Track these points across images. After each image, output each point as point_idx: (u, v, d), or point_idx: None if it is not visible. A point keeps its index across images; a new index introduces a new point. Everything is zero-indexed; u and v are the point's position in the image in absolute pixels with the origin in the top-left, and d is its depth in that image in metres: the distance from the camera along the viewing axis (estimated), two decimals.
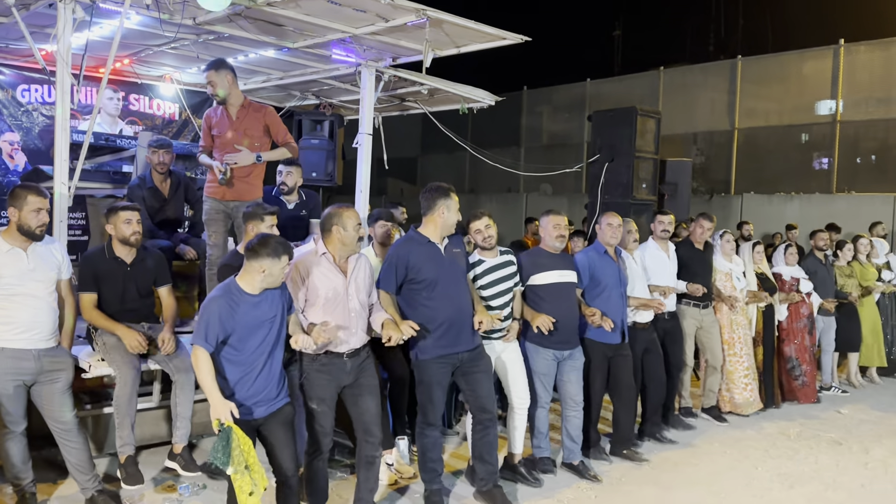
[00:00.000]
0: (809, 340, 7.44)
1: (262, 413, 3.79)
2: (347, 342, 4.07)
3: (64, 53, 4.66)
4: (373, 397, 4.18)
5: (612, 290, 5.45)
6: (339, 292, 4.04)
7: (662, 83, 16.49)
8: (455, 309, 4.41)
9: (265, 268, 3.66)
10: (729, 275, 6.81)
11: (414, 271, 4.34)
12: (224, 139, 5.24)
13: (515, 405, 4.97)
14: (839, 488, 5.16)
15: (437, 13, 4.76)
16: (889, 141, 14.42)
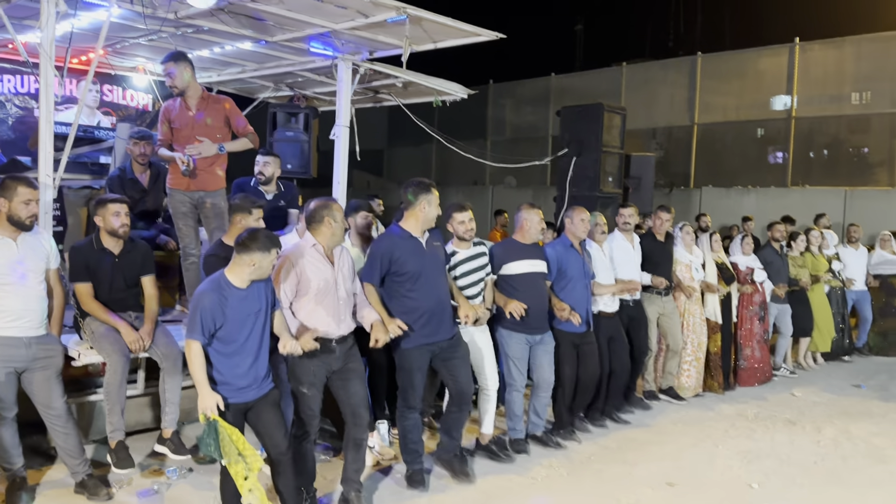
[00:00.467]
0: (760, 327, 7.80)
1: (252, 397, 3.93)
2: (337, 329, 4.21)
3: (47, 46, 4.72)
4: (360, 381, 4.34)
5: (577, 282, 5.72)
6: (329, 282, 4.18)
7: (625, 78, 16.83)
8: (436, 300, 4.62)
9: (255, 261, 3.78)
10: (689, 266, 7.12)
11: (397, 265, 4.52)
12: (185, 131, 5.25)
13: (485, 387, 5.20)
14: (794, 464, 5.47)
15: (416, 11, 4.93)
16: (839, 137, 14.98)
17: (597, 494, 4.79)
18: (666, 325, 6.93)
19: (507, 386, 5.45)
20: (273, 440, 3.99)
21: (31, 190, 4.22)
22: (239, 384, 3.88)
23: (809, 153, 15.07)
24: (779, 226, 8.48)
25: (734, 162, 15.61)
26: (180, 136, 5.27)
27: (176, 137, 5.31)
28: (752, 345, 7.75)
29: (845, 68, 14.29)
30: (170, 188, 5.36)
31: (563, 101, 17.53)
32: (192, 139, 5.20)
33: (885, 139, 14.10)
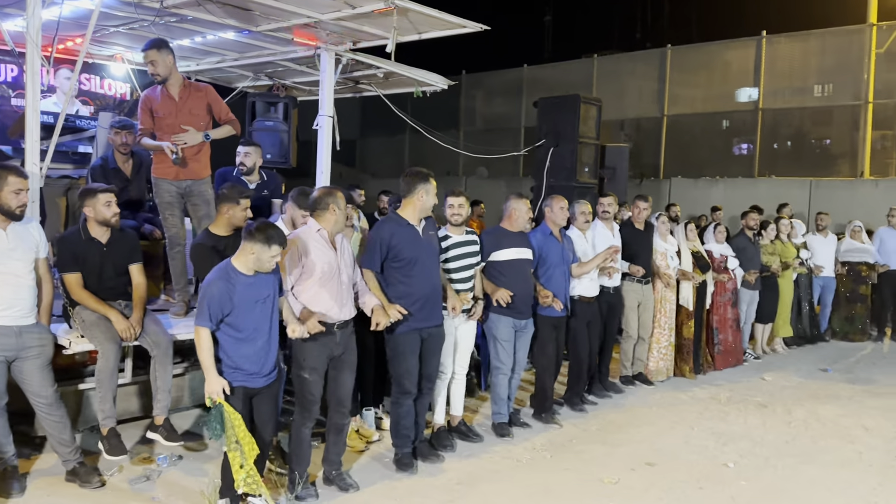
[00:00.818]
0: (732, 313, 8.07)
1: (259, 384, 4.08)
2: (339, 314, 4.35)
3: (34, 35, 4.70)
4: (351, 373, 4.52)
5: (556, 268, 5.92)
6: (333, 267, 4.33)
7: (596, 70, 17.00)
8: (430, 286, 4.81)
9: (255, 251, 3.88)
10: (664, 254, 7.33)
11: (395, 251, 4.68)
12: (168, 120, 5.23)
13: (458, 373, 5.43)
14: (766, 445, 5.67)
15: (404, 2, 4.99)
16: (804, 128, 15.33)
17: (580, 474, 4.94)
18: (640, 313, 7.15)
19: (494, 369, 5.68)
20: (263, 431, 4.15)
21: (22, 179, 4.23)
22: (249, 369, 4.01)
23: (775, 144, 15.38)
24: (752, 214, 8.70)
25: (702, 153, 15.87)
26: (164, 125, 5.24)
27: (159, 126, 5.27)
28: (727, 330, 8.02)
29: (810, 61, 14.61)
30: (156, 178, 5.33)
31: (535, 92, 17.63)
32: (177, 128, 5.17)
33: (847, 131, 14.45)
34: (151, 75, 5.27)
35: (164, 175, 5.29)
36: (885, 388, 7.45)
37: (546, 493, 4.60)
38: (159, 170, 5.30)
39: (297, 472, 4.34)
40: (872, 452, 5.54)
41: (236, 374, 3.99)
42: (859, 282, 9.69)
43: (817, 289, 9.52)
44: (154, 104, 5.27)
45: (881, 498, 4.70)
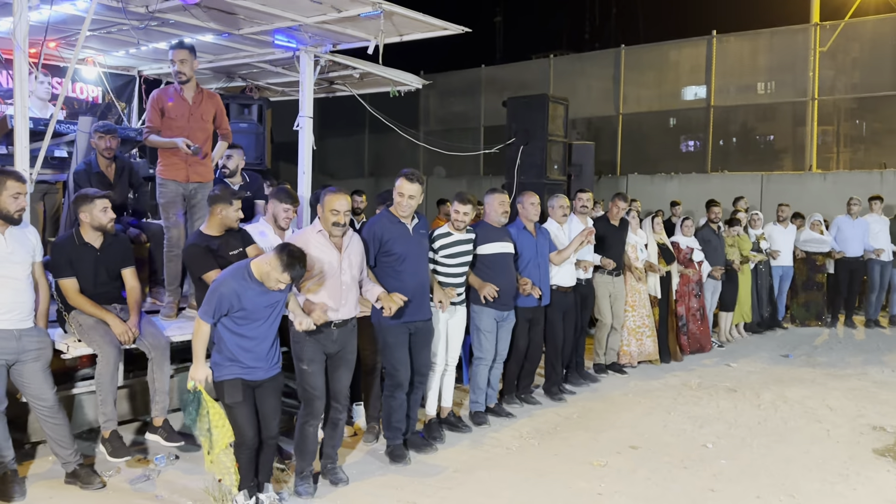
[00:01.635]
0: (697, 302, 8.42)
1: (261, 376, 4.15)
2: (337, 312, 4.45)
3: (21, 41, 4.70)
4: (348, 370, 4.63)
5: (531, 261, 6.14)
6: (333, 266, 4.43)
7: (552, 70, 17.31)
8: (419, 282, 4.96)
9: (271, 266, 3.94)
10: (634, 246, 7.64)
11: (386, 246, 4.85)
12: (180, 122, 5.29)
13: (448, 364, 5.58)
14: (740, 426, 5.95)
15: (390, 6, 5.12)
16: (754, 125, 15.88)
17: (570, 459, 5.13)
18: (611, 303, 7.43)
19: (476, 359, 5.90)
20: (267, 425, 4.21)
21: (20, 184, 4.25)
22: (248, 363, 4.09)
23: (728, 140, 15.89)
24: (715, 207, 8.99)
25: (657, 150, 16.30)
26: (174, 126, 5.29)
27: (167, 126, 5.31)
28: (692, 318, 8.39)
29: (758, 60, 15.13)
30: (164, 179, 5.35)
31: (492, 92, 17.96)
32: (187, 130, 5.23)
33: (795, 127, 15.02)
34: (176, 73, 5.28)
35: (174, 177, 5.34)
36: (843, 371, 7.83)
37: (540, 477, 4.78)
38: (168, 171, 5.34)
39: (302, 467, 4.45)
40: (839, 430, 5.86)
41: (234, 366, 4.06)
42: (815, 270, 10.09)
43: (776, 278, 9.89)
44: (165, 104, 5.30)
45: (851, 470, 5.00)
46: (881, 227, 10.18)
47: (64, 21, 5.95)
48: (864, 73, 14.20)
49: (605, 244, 7.16)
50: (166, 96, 5.33)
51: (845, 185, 12.64)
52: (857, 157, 14.65)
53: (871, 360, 8.36)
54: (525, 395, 6.44)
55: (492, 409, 6.04)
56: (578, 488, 4.63)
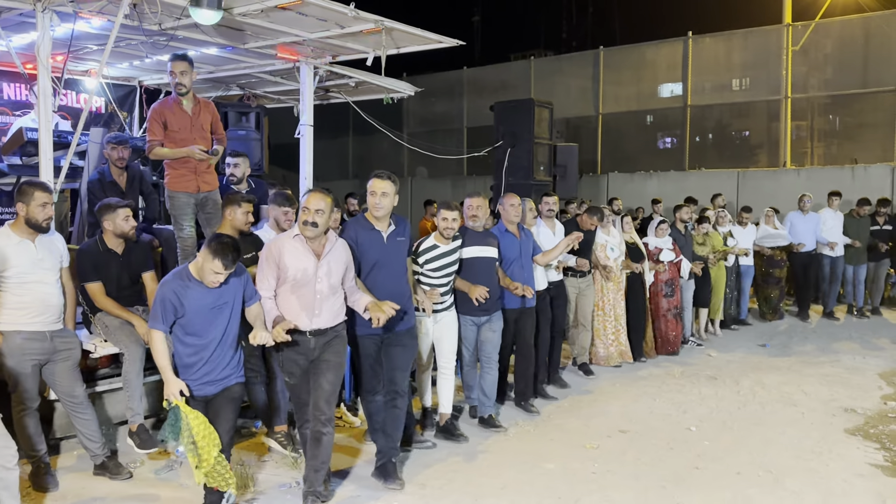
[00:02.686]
0: (667, 303, 8.43)
1: (213, 391, 4.10)
2: (309, 323, 4.23)
3: (44, 59, 4.97)
4: (330, 374, 4.30)
5: (514, 263, 6.10)
6: (308, 274, 4.19)
7: (533, 71, 17.69)
8: (389, 293, 4.56)
9: (202, 259, 3.91)
10: (604, 246, 7.73)
11: (358, 253, 4.59)
12: (181, 134, 5.44)
13: (442, 366, 5.53)
14: (722, 411, 6.36)
15: (391, 23, 5.45)
16: (730, 123, 16.37)
17: (564, 443, 5.51)
18: (579, 303, 7.50)
19: (462, 363, 5.91)
20: (218, 433, 4.01)
21: (47, 194, 4.53)
22: (197, 377, 4.04)
23: (704, 138, 16.35)
24: (685, 208, 9.11)
25: (636, 149, 16.72)
26: (177, 138, 5.40)
27: (170, 138, 5.41)
28: (660, 319, 8.42)
29: (733, 59, 15.61)
30: (174, 191, 5.48)
31: (474, 93, 18.36)
32: (190, 141, 5.37)
33: (769, 124, 15.52)
34: (175, 85, 5.39)
35: (185, 188, 5.46)
36: (817, 359, 8.28)
37: (538, 459, 5.15)
38: (178, 183, 5.45)
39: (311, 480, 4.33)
40: (813, 413, 6.29)
41: (188, 382, 3.99)
42: (774, 265, 10.31)
43: (747, 275, 10.08)
44: (167, 116, 5.41)
45: (824, 448, 5.41)
46: (835, 223, 10.52)
47: (76, 37, 6.21)
48: (836, 71, 14.69)
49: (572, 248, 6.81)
50: (167, 109, 5.43)
51: (819, 181, 13.10)
52: (831, 153, 15.16)
53: (843, 348, 8.82)
54: (524, 404, 6.28)
55: (485, 420, 5.86)
56: (574, 469, 5.00)
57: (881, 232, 10.74)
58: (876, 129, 14.21)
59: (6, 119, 7.29)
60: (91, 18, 5.41)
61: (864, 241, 10.59)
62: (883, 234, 10.72)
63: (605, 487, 4.69)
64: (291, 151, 20.76)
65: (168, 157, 5.53)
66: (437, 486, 4.69)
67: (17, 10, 5.06)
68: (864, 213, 10.74)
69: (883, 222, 10.82)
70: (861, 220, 10.71)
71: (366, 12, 5.29)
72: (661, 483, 4.76)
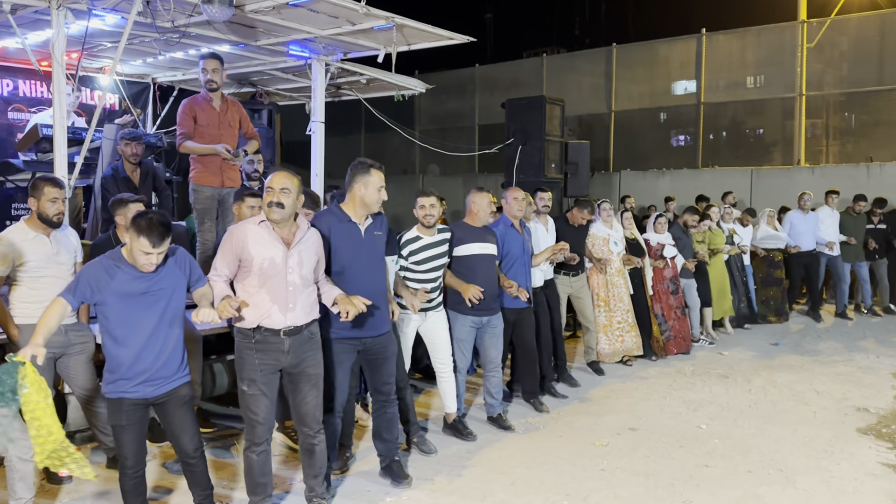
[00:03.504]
0: (675, 300, 8.32)
1: (154, 392, 3.67)
2: (283, 319, 3.86)
3: (59, 56, 5.02)
4: (312, 387, 4.01)
5: (518, 260, 5.94)
6: (276, 263, 3.82)
7: (545, 68, 17.66)
8: (370, 292, 4.22)
9: (129, 239, 3.56)
10: (607, 240, 7.59)
11: (332, 247, 4.21)
12: (210, 130, 5.60)
13: (439, 369, 5.40)
14: (732, 409, 6.34)
15: (402, 20, 5.47)
16: (743, 120, 16.28)
17: (574, 440, 5.51)
18: (575, 304, 7.34)
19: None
20: (179, 443, 3.81)
21: (58, 189, 4.55)
22: (131, 376, 3.61)
23: (717, 135, 16.27)
24: (688, 215, 8.92)
25: (649, 146, 16.67)
26: (205, 133, 5.56)
27: (200, 133, 5.57)
28: (673, 316, 8.29)
29: (747, 56, 15.52)
30: (199, 185, 5.61)
31: (486, 90, 18.36)
32: (218, 138, 5.54)
33: (783, 122, 15.42)
34: (207, 82, 5.54)
35: (209, 182, 5.59)
36: (830, 358, 8.23)
37: (547, 456, 5.16)
38: (203, 177, 5.58)
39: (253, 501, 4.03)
40: (825, 412, 6.25)
41: (119, 381, 3.60)
42: (774, 266, 10.15)
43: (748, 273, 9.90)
44: (197, 112, 5.56)
45: (836, 448, 5.39)
46: (833, 221, 10.44)
47: (90, 34, 6.27)
48: (851, 68, 14.58)
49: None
50: (197, 105, 5.59)
51: (833, 179, 13.01)
52: (846, 151, 15.04)
53: (857, 347, 8.77)
54: (534, 400, 6.21)
55: (494, 419, 5.79)
56: (583, 465, 5.00)
57: (875, 231, 10.70)
58: (892, 126, 14.10)
59: (22, 115, 7.36)
60: (105, 15, 5.45)
61: (859, 239, 10.53)
62: (877, 233, 10.68)
63: (614, 485, 4.70)
64: (303, 148, 20.91)
65: (196, 152, 5.66)
66: (447, 482, 4.71)
67: (32, 8, 5.11)
68: (860, 210, 10.67)
69: (878, 221, 10.77)
70: (857, 218, 10.66)
71: (377, 9, 5.30)
72: (670, 481, 4.76)
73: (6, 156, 6.88)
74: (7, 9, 4.94)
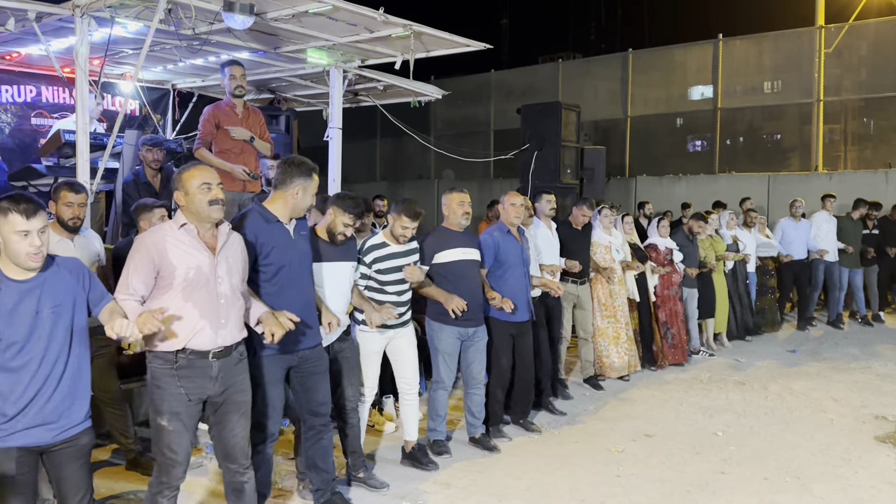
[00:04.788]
0: (681, 307, 8.15)
1: (44, 440, 2.94)
2: (215, 337, 3.34)
3: (82, 63, 5.12)
4: (242, 416, 3.50)
5: (516, 269, 5.53)
6: (204, 273, 3.30)
7: (561, 74, 17.68)
8: (301, 301, 3.92)
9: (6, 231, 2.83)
10: (608, 247, 7.30)
11: (262, 252, 3.78)
12: (231, 136, 5.69)
13: (404, 391, 4.99)
14: (749, 416, 6.32)
15: (419, 27, 5.53)
16: (760, 126, 16.22)
17: (589, 446, 5.52)
18: (577, 314, 7.03)
19: (434, 383, 5.25)
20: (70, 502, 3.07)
21: (73, 193, 4.56)
22: (17, 417, 2.87)
23: (734, 141, 16.22)
24: (694, 221, 8.58)
25: (665, 152, 16.64)
26: (228, 139, 5.66)
27: (221, 139, 5.67)
28: (677, 324, 8.01)
29: (764, 62, 15.47)
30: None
31: (502, 96, 18.42)
32: (239, 143, 5.64)
33: (800, 127, 15.35)
34: (236, 88, 5.68)
35: (231, 188, 5.56)
36: (847, 365, 8.19)
37: (563, 462, 5.17)
38: (226, 183, 5.57)
39: None
40: (842, 419, 6.23)
41: (6, 423, 2.86)
42: (766, 275, 9.95)
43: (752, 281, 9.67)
44: (220, 118, 5.67)
45: (853, 456, 5.36)
46: (830, 227, 10.21)
47: (113, 41, 6.37)
48: (870, 73, 14.50)
49: (567, 248, 6.69)
50: (220, 112, 5.69)
51: (850, 185, 12.94)
52: (864, 157, 14.95)
53: (875, 354, 8.71)
54: (524, 421, 5.86)
55: (476, 440, 5.40)
56: (598, 471, 5.01)
57: (870, 237, 10.61)
58: None
59: (45, 121, 7.48)
60: (127, 23, 5.53)
61: (857, 245, 10.39)
62: (872, 239, 10.61)
63: (629, 491, 4.70)
64: (320, 153, 21.01)
65: (213, 164, 5.54)
66: (462, 486, 4.73)
67: (56, 16, 5.19)
68: (859, 216, 10.56)
69: (872, 227, 10.67)
70: (855, 223, 10.54)
71: (395, 17, 5.36)
72: (686, 487, 4.76)
73: (29, 161, 6.98)
74: (32, 17, 5.04)
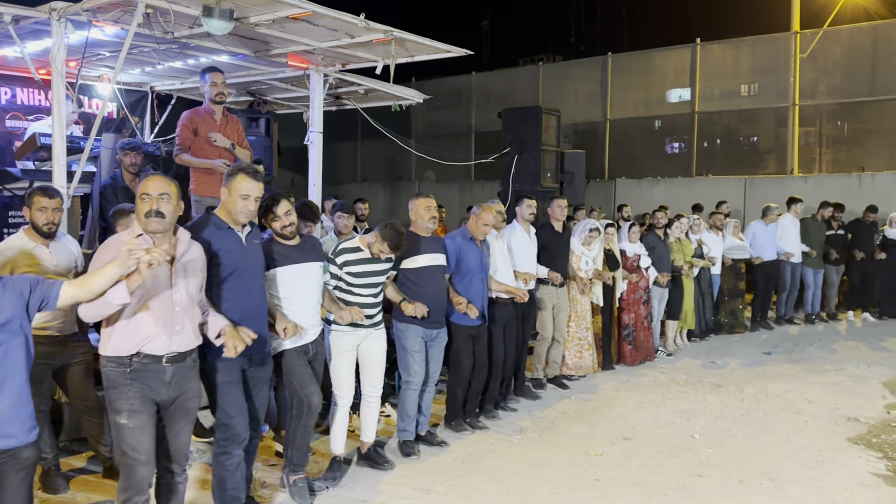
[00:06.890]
0: (645, 310, 8.32)
1: None
2: (169, 343, 3.41)
3: (59, 68, 5.07)
4: (188, 421, 3.61)
5: (475, 275, 5.68)
6: (160, 280, 3.37)
7: (541, 76, 17.75)
8: (251, 307, 3.97)
9: None
10: (579, 258, 7.43)
11: (214, 259, 3.80)
12: (209, 142, 5.64)
13: (368, 394, 5.06)
14: (725, 418, 6.39)
15: (401, 33, 5.53)
16: (737, 129, 16.40)
17: (568, 449, 5.56)
18: (557, 316, 7.19)
19: (404, 383, 5.37)
20: None
21: (47, 198, 4.51)
22: None
23: (711, 144, 16.39)
24: (658, 213, 8.89)
25: (644, 154, 16.77)
26: (205, 146, 5.61)
27: (199, 145, 5.61)
28: (640, 328, 8.25)
29: (741, 66, 15.66)
30: (200, 196, 5.62)
31: (482, 98, 18.46)
32: (219, 149, 5.58)
33: (776, 131, 15.54)
34: (217, 94, 5.64)
35: (211, 193, 5.55)
36: (821, 367, 8.30)
37: (542, 466, 5.20)
38: (205, 188, 5.59)
39: None
40: (817, 421, 6.32)
41: None
42: (738, 277, 10.08)
43: (715, 283, 9.82)
44: (198, 124, 5.62)
45: (827, 457, 5.45)
46: (794, 229, 10.47)
47: (90, 44, 6.31)
48: (844, 78, 14.70)
49: (549, 252, 6.88)
50: (198, 117, 5.65)
51: (825, 188, 13.14)
52: (839, 160, 15.16)
53: (848, 356, 8.84)
54: (471, 420, 5.98)
55: (422, 437, 5.53)
56: (577, 475, 5.05)
57: (835, 237, 10.85)
58: (884, 136, 14.24)
59: (20, 123, 7.39)
60: (105, 26, 5.49)
61: (819, 246, 10.64)
62: (836, 240, 10.84)
63: (608, 494, 4.74)
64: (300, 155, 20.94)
65: (194, 166, 5.71)
66: (442, 492, 4.75)
67: (33, 19, 5.14)
68: (824, 217, 10.80)
69: (837, 227, 10.90)
70: (819, 225, 10.78)
71: (376, 23, 5.37)
72: (663, 490, 4.81)
73: (4, 164, 6.90)
74: (8, 20, 4.98)
